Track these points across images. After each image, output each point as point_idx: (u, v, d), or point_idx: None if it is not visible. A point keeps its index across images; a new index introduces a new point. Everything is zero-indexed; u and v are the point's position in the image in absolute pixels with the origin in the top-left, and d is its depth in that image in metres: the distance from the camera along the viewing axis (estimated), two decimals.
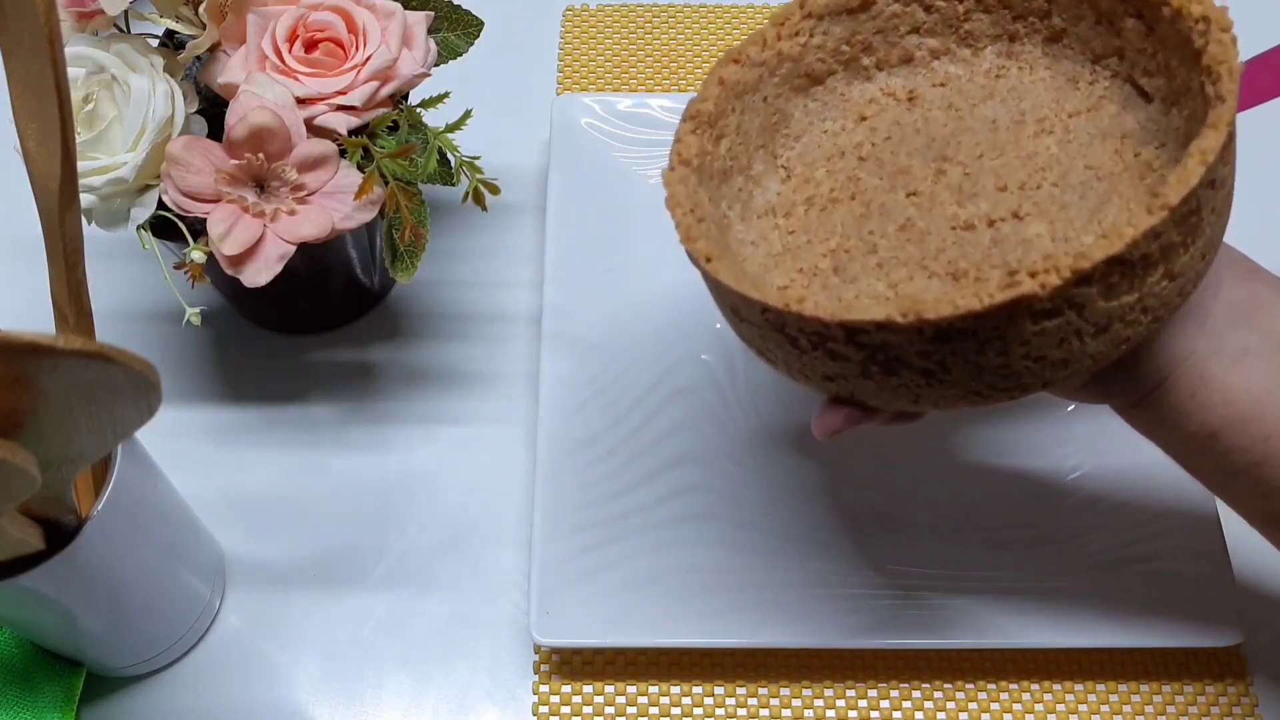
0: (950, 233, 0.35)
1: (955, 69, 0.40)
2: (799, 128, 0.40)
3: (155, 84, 0.40)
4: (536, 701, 0.46)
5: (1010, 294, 0.28)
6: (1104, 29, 0.37)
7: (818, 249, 0.37)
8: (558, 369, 0.50)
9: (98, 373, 0.27)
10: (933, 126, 0.39)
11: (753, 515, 0.49)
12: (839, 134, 0.40)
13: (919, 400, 0.33)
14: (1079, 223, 0.34)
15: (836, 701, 0.46)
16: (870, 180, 0.38)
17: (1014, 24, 0.39)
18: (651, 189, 0.57)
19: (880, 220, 0.37)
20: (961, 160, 0.37)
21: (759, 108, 0.39)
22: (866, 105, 0.40)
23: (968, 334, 0.30)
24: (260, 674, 0.46)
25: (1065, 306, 0.29)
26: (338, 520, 0.50)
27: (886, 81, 0.40)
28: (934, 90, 0.40)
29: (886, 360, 0.31)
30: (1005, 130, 0.37)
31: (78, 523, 0.36)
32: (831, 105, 0.40)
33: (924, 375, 0.32)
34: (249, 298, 0.51)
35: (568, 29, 0.66)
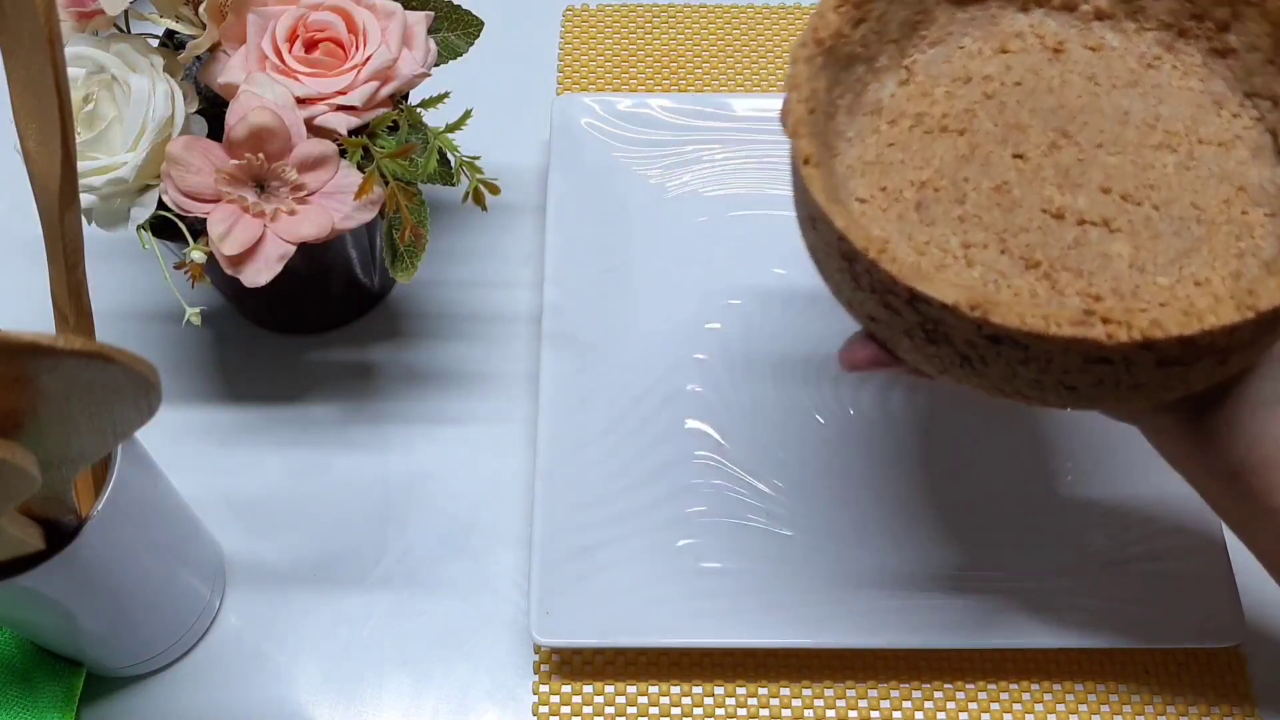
0: (1039, 215, 0.34)
1: (1112, 38, 0.37)
2: (938, 33, 0.38)
3: (155, 84, 0.40)
4: (536, 701, 0.46)
5: (1077, 332, 0.28)
6: (1273, 71, 0.35)
7: (908, 174, 0.35)
8: (558, 369, 0.50)
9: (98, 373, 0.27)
10: (1066, 93, 0.37)
11: (753, 515, 0.49)
12: (974, 56, 0.38)
13: (944, 373, 0.33)
14: (1162, 259, 0.33)
15: (837, 701, 0.46)
16: (985, 123, 0.36)
17: (1189, 21, 0.37)
18: (651, 189, 0.57)
19: (979, 170, 0.35)
20: (1079, 142, 0.35)
21: (910, 2, 0.37)
22: (1012, 38, 0.38)
23: (1020, 345, 0.30)
24: (260, 674, 0.46)
25: (1120, 360, 0.29)
26: (338, 520, 0.50)
27: (1041, 21, 0.38)
28: (1082, 52, 0.37)
29: (934, 332, 0.31)
30: (1133, 129, 0.36)
31: (78, 523, 0.36)
32: (979, 24, 0.38)
33: (962, 359, 0.31)
34: (249, 298, 0.51)
35: (568, 29, 0.66)
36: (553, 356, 0.50)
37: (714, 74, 0.64)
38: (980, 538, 0.48)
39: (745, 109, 0.58)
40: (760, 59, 0.64)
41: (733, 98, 0.59)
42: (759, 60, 0.64)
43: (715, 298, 0.54)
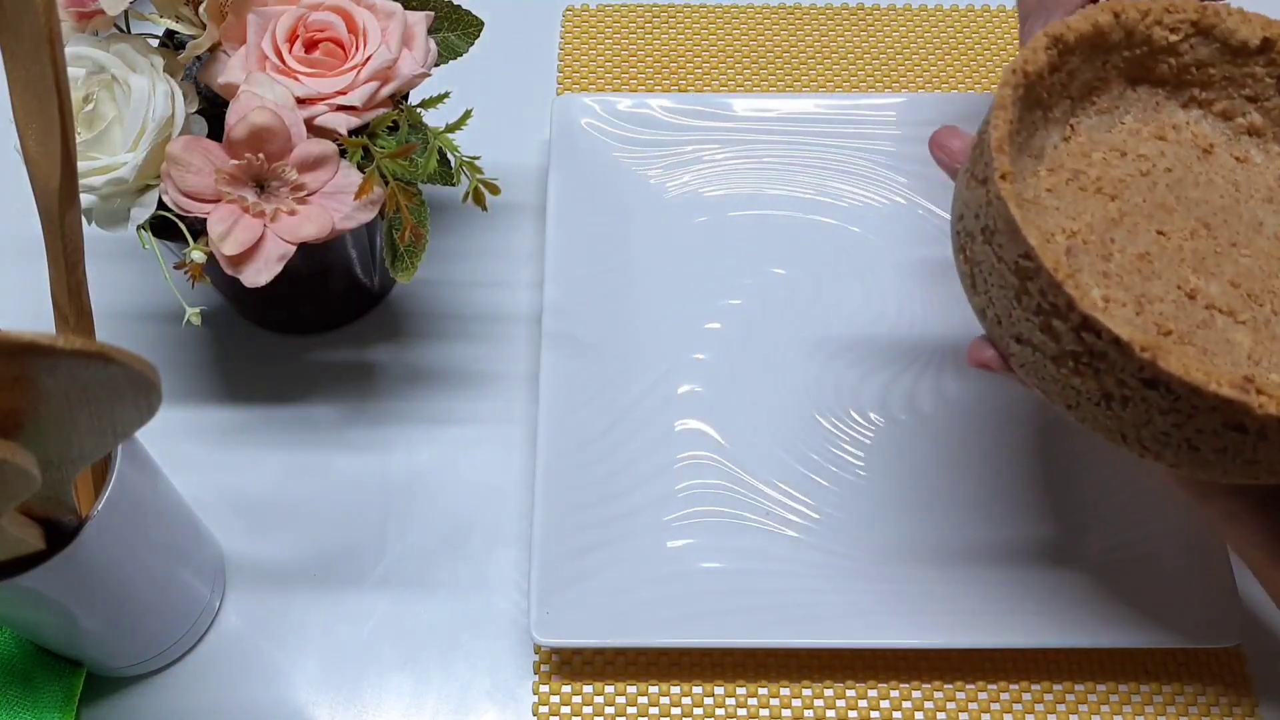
0: (1175, 290, 0.36)
1: (1257, 154, 0.40)
2: (1108, 103, 0.40)
3: (155, 84, 0.40)
4: (536, 701, 0.46)
5: (1234, 395, 0.30)
6: None
7: (1061, 221, 0.37)
8: (558, 369, 0.50)
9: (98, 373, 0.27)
10: (1211, 190, 0.39)
11: (752, 515, 0.49)
12: (1133, 134, 0.40)
13: (1072, 406, 0.34)
14: (1276, 358, 0.35)
15: (837, 701, 0.46)
16: (1135, 196, 0.38)
17: None
18: (651, 189, 0.57)
19: (1125, 236, 0.37)
20: (1217, 236, 0.38)
21: (1096, 66, 0.39)
22: (1170, 129, 0.41)
23: (1172, 394, 0.31)
24: (260, 674, 0.46)
25: (1255, 431, 0.31)
26: (338, 520, 0.50)
27: (1199, 120, 0.41)
28: (1228, 159, 0.40)
29: (1088, 366, 0.33)
30: (1265, 239, 0.38)
31: (78, 523, 0.36)
32: (1144, 106, 0.41)
33: (1104, 396, 0.33)
34: (249, 298, 0.51)
35: (568, 29, 0.66)
36: (553, 356, 0.50)
37: (714, 74, 0.64)
38: (981, 538, 0.48)
39: (745, 109, 0.58)
40: (760, 59, 0.64)
41: (733, 98, 0.59)
42: (759, 60, 0.64)
43: (715, 298, 0.54)
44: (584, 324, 0.52)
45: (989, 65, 0.64)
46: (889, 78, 0.64)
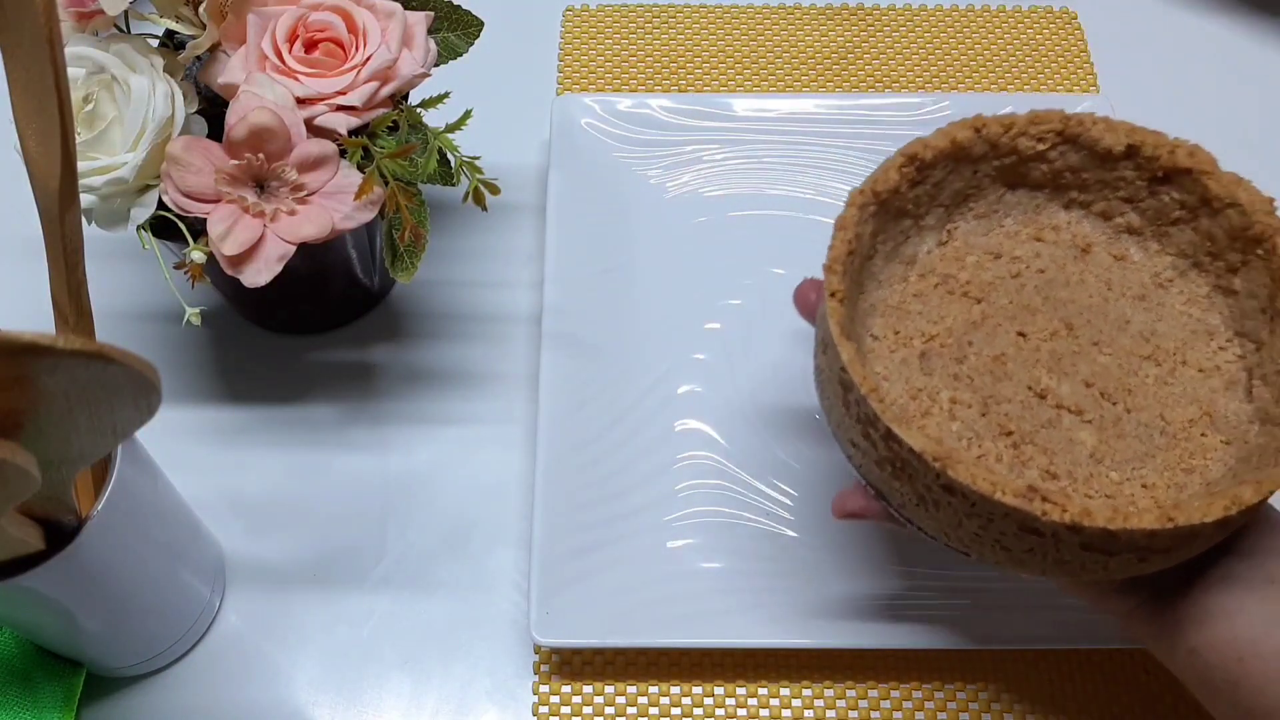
0: (1025, 390, 0.38)
1: (1136, 252, 0.41)
2: (985, 208, 0.42)
3: (155, 84, 0.40)
4: (536, 701, 0.46)
5: (1018, 504, 0.32)
6: (1264, 319, 0.38)
7: (922, 325, 0.40)
8: (558, 369, 0.50)
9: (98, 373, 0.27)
10: (1081, 291, 0.41)
11: (752, 515, 0.49)
12: (1011, 237, 0.42)
13: (902, 508, 0.36)
14: (1119, 457, 0.37)
15: (837, 702, 0.46)
16: (1001, 299, 0.40)
17: (1205, 256, 0.40)
18: (651, 189, 0.57)
19: (984, 339, 0.39)
20: (1079, 335, 0.39)
21: (966, 175, 0.41)
22: (1049, 229, 0.42)
23: (968, 500, 0.33)
24: (260, 674, 0.46)
25: (1049, 534, 0.33)
26: (338, 520, 0.50)
27: (1079, 220, 0.42)
28: (1106, 257, 0.42)
29: (901, 470, 0.35)
30: (1129, 337, 0.39)
31: (78, 523, 0.36)
32: (1023, 209, 0.42)
33: (919, 498, 0.35)
34: (249, 298, 0.51)
35: (568, 29, 0.66)
36: (553, 356, 0.50)
37: (714, 74, 0.64)
38: None
39: (745, 109, 0.58)
40: (760, 59, 0.64)
41: (733, 98, 0.59)
42: (759, 60, 0.64)
43: (715, 298, 0.54)
44: (584, 324, 0.52)
45: (989, 65, 0.64)
46: (889, 78, 0.64)
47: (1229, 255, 0.39)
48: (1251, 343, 0.39)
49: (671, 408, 0.51)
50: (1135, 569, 0.34)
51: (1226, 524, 0.33)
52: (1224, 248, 0.39)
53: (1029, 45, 0.65)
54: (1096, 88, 0.63)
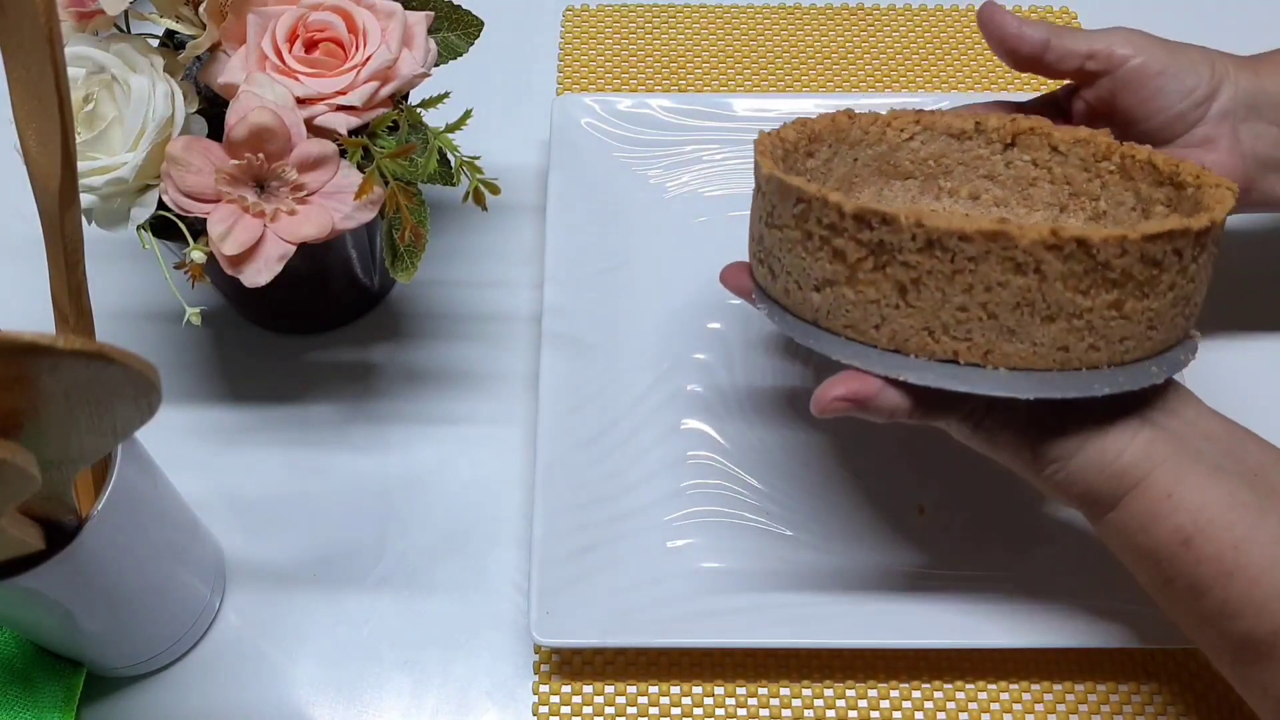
0: None
1: (1009, 217, 0.45)
2: (869, 198, 0.46)
3: (155, 84, 0.40)
4: (536, 701, 0.46)
5: (995, 227, 0.34)
6: (1137, 214, 0.44)
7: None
8: (558, 369, 0.50)
9: (98, 373, 0.27)
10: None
11: (752, 515, 0.49)
12: None
13: (882, 323, 0.37)
14: None
15: (837, 701, 0.46)
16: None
17: (1068, 199, 0.45)
18: (652, 189, 0.57)
19: None
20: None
21: (848, 162, 0.45)
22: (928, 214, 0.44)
23: (949, 254, 0.35)
24: (260, 674, 0.46)
25: (1031, 267, 0.35)
26: (338, 520, 0.50)
27: (951, 205, 0.47)
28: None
29: (876, 264, 0.36)
30: None
31: (78, 523, 0.36)
32: (901, 201, 0.47)
33: (900, 293, 0.36)
34: (249, 298, 0.51)
35: (568, 29, 0.66)
36: (553, 356, 0.50)
37: (714, 74, 0.64)
38: (981, 537, 0.48)
39: (745, 109, 0.58)
40: (760, 59, 0.65)
41: (733, 98, 0.59)
42: (759, 60, 0.64)
43: (715, 298, 0.54)
44: (584, 324, 0.52)
45: (989, 65, 0.64)
46: (889, 78, 0.64)
47: (1087, 187, 0.45)
48: None
49: (672, 407, 0.51)
50: (1114, 328, 0.36)
51: (1199, 247, 0.36)
52: (1080, 184, 0.45)
53: None
54: None
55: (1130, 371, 0.37)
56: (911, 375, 0.37)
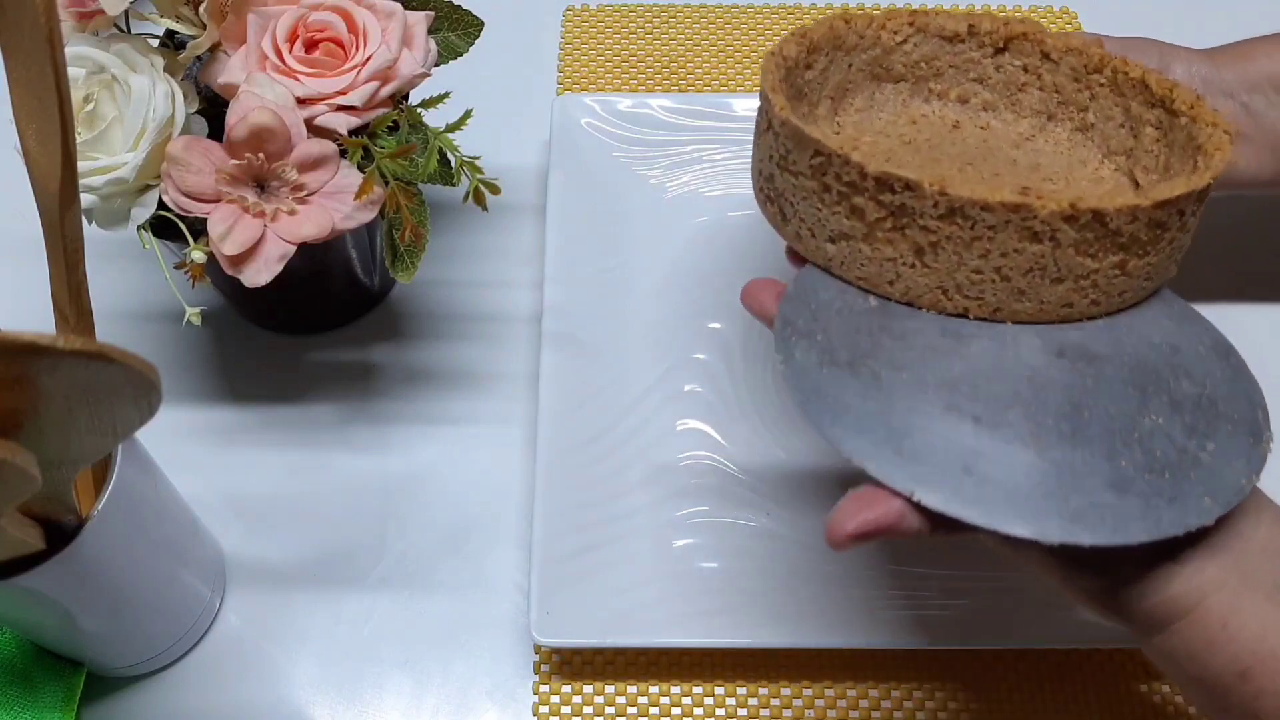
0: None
1: (997, 123, 0.46)
2: (862, 103, 0.46)
3: (155, 84, 0.40)
4: (536, 701, 0.46)
5: (1017, 199, 0.35)
6: (1126, 132, 0.44)
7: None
8: (558, 369, 0.50)
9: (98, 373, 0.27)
10: (967, 146, 0.45)
11: (752, 515, 0.49)
12: (891, 123, 0.46)
13: (896, 280, 0.38)
14: None
15: (837, 701, 0.46)
16: (905, 157, 0.43)
17: (1056, 107, 0.45)
18: (651, 189, 0.57)
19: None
20: (981, 171, 0.43)
21: (843, 68, 0.45)
22: (920, 116, 0.47)
23: (968, 220, 0.36)
24: (260, 674, 0.46)
25: (1047, 236, 0.36)
26: (338, 520, 0.50)
27: (940, 108, 0.47)
28: (975, 130, 0.46)
29: (895, 225, 0.37)
30: (1023, 169, 0.44)
31: (78, 523, 0.36)
32: (892, 104, 0.47)
33: (916, 254, 0.37)
34: (249, 298, 0.51)
35: (568, 29, 0.66)
36: (553, 356, 0.50)
37: (714, 74, 0.64)
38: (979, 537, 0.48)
39: (745, 109, 0.58)
40: (760, 59, 0.64)
41: (733, 98, 0.59)
42: (759, 60, 0.64)
43: (715, 298, 0.54)
44: (584, 324, 0.52)
45: None
46: None
47: (1076, 97, 0.45)
48: (1121, 155, 0.44)
49: (672, 407, 0.51)
50: (1118, 285, 0.38)
51: (1185, 216, 0.37)
52: (1070, 93, 0.45)
53: None
54: None
55: (1178, 508, 0.33)
56: (931, 499, 0.33)
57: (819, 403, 0.35)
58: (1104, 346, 0.37)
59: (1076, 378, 0.36)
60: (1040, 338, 0.37)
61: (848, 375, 0.36)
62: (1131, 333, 0.38)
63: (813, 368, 0.36)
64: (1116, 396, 0.36)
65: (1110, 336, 0.38)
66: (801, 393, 0.36)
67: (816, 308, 0.38)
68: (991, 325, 0.38)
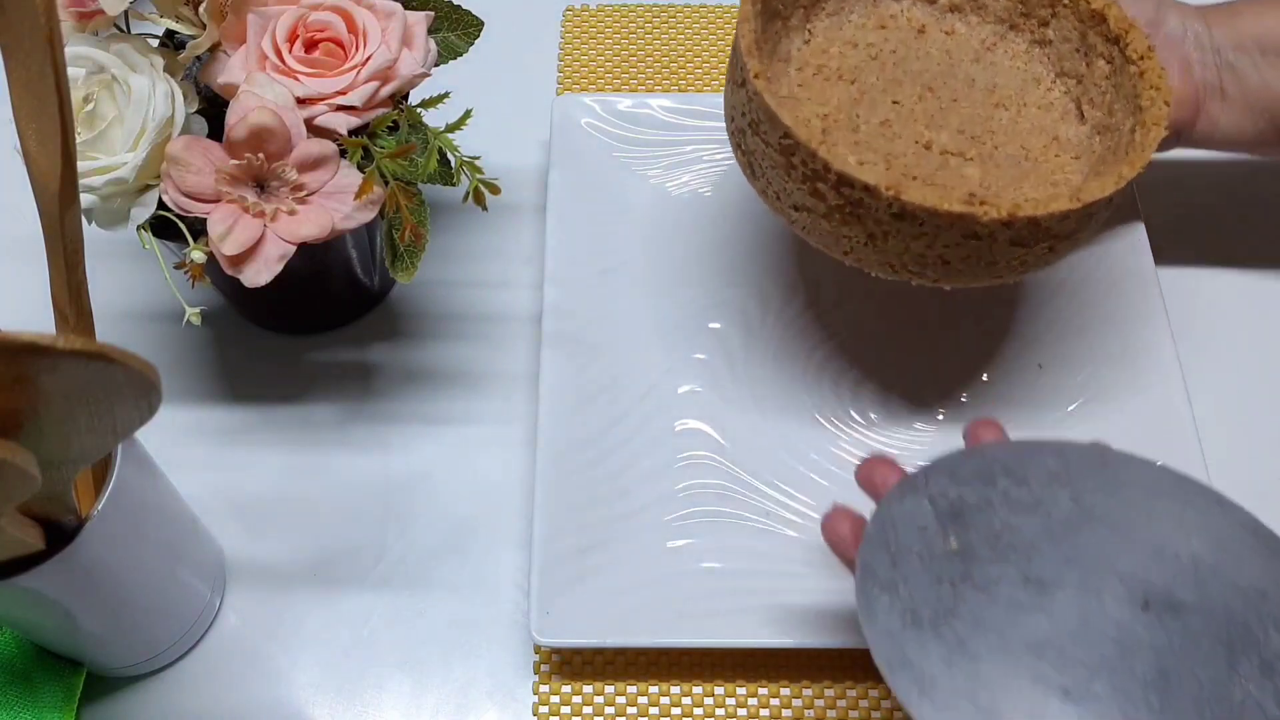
0: (913, 145, 0.45)
1: (961, 26, 0.50)
2: (834, 6, 0.49)
3: (155, 84, 0.40)
4: (536, 701, 0.46)
5: (963, 209, 0.39)
6: (1080, 57, 0.47)
7: (814, 108, 0.46)
8: (558, 369, 0.50)
9: (98, 373, 0.27)
10: (930, 62, 0.48)
11: (752, 515, 0.49)
12: (860, 28, 0.49)
13: (849, 252, 0.42)
14: (1002, 182, 0.45)
15: (837, 701, 0.46)
16: (869, 77, 0.47)
17: (1019, 18, 0.49)
18: (651, 189, 0.57)
19: (867, 110, 0.46)
20: (940, 96, 0.47)
21: None
22: (888, 18, 0.50)
23: (917, 220, 0.39)
24: (260, 674, 0.46)
25: (987, 236, 0.39)
26: (338, 520, 0.50)
27: (910, 7, 0.50)
28: (939, 34, 0.50)
29: (851, 214, 0.40)
30: (979, 91, 0.48)
31: (78, 523, 0.36)
32: (864, 5, 0.50)
33: (868, 237, 0.41)
34: (249, 298, 0.51)
35: (568, 29, 0.66)
36: (553, 356, 0.50)
37: (714, 74, 0.64)
38: None
39: None
40: None
41: None
42: None
43: (715, 298, 0.54)
44: (584, 324, 0.52)
45: None
46: None
47: (1039, 12, 0.48)
48: (1072, 79, 0.48)
49: (671, 408, 0.51)
50: (1045, 260, 0.42)
51: (1113, 201, 0.41)
52: (1033, 6, 0.48)
53: None
54: None
55: None
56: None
57: (905, 674, 0.33)
58: (1189, 593, 0.34)
59: (1164, 635, 0.34)
60: (1125, 585, 0.34)
61: (931, 638, 0.33)
62: (1217, 575, 0.35)
63: (896, 631, 0.34)
64: (1204, 658, 0.33)
65: (1196, 578, 0.35)
66: (887, 662, 0.33)
67: (897, 551, 0.35)
68: (1073, 564, 0.35)
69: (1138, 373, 0.51)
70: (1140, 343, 0.51)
